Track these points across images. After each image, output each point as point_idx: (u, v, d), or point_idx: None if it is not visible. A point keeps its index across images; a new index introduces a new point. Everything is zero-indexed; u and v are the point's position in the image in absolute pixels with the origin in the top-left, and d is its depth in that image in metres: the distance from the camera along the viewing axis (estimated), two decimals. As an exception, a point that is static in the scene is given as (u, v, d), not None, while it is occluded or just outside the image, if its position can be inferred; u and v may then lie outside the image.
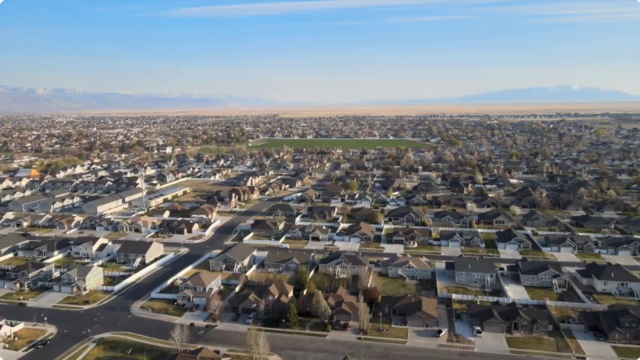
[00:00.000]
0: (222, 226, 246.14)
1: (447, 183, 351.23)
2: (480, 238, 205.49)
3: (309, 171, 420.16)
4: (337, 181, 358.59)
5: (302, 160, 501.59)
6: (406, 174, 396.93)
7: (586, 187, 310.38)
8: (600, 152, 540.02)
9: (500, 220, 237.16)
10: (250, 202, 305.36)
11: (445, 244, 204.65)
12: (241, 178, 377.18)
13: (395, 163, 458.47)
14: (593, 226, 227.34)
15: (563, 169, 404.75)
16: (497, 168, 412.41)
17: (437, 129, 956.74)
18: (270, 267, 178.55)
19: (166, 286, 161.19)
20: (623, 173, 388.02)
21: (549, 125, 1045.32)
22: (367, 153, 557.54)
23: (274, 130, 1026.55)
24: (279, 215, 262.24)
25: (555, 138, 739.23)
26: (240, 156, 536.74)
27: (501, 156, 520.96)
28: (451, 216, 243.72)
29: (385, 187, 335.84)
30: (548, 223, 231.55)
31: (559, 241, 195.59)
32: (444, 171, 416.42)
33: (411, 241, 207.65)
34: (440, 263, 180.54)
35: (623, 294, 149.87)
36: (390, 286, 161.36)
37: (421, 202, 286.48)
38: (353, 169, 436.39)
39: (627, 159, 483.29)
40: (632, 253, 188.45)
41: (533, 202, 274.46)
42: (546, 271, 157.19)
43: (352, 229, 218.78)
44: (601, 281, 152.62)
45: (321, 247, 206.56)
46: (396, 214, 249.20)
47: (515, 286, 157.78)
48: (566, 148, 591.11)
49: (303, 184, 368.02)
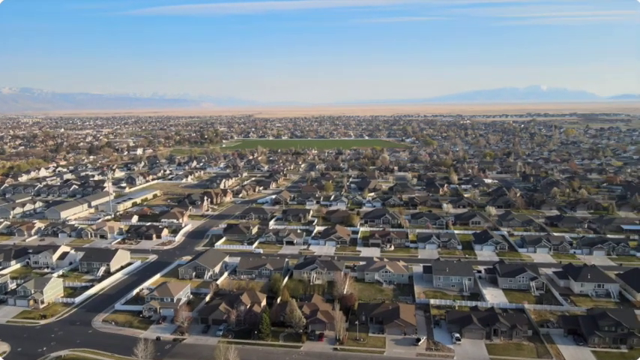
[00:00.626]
0: (193, 231, 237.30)
1: (422, 183, 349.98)
2: (456, 240, 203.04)
3: (283, 172, 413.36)
4: (312, 183, 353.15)
5: (277, 161, 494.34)
6: (382, 174, 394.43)
7: (559, 187, 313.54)
8: (570, 151, 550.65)
9: (476, 220, 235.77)
10: (223, 205, 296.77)
11: (422, 246, 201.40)
12: (214, 181, 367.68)
13: (370, 163, 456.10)
14: (567, 226, 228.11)
15: (536, 169, 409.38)
16: (471, 168, 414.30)
17: (412, 129, 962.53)
18: (243, 274, 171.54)
19: (132, 297, 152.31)
20: (593, 172, 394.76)
21: (520, 125, 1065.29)
22: (343, 153, 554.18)
23: (249, 131, 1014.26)
24: (252, 219, 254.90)
25: (527, 137, 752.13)
26: (213, 157, 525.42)
27: (475, 156, 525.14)
28: (427, 217, 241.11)
29: (361, 188, 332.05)
30: (524, 223, 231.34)
31: (535, 241, 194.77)
32: (419, 171, 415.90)
33: (388, 244, 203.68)
34: (417, 267, 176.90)
35: (600, 295, 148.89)
36: (367, 291, 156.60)
37: (397, 204, 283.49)
38: (328, 170, 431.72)
39: (596, 158, 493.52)
40: (606, 253, 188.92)
41: (508, 202, 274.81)
42: (524, 274, 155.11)
43: (328, 233, 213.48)
44: (578, 283, 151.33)
45: (296, 252, 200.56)
46: (372, 216, 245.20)
47: (493, 290, 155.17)
48: (537, 148, 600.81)
49: (277, 186, 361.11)
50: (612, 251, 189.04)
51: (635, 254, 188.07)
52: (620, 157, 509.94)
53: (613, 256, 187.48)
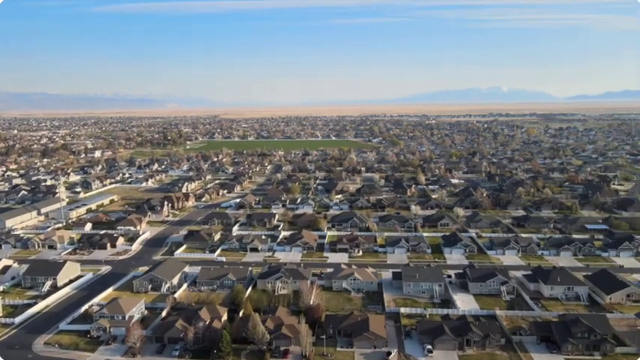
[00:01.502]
0: (151, 239, 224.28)
1: (390, 184, 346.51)
2: (425, 244, 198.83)
3: (249, 174, 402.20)
4: (278, 185, 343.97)
5: (242, 162, 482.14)
6: (349, 176, 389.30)
7: (523, 187, 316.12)
8: (532, 151, 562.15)
9: (444, 222, 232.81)
10: (185, 210, 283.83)
11: (391, 250, 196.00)
12: (176, 184, 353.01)
13: (338, 164, 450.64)
14: (533, 226, 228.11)
15: (501, 169, 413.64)
16: (438, 168, 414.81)
17: (378, 129, 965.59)
18: (203, 285, 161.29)
19: (79, 315, 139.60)
20: (555, 171, 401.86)
21: (484, 125, 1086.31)
22: (309, 154, 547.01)
23: (214, 132, 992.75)
24: (215, 224, 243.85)
25: (490, 137, 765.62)
26: (176, 159, 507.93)
27: (442, 156, 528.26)
28: (396, 220, 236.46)
29: (328, 190, 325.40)
30: (491, 224, 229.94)
31: (503, 243, 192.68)
32: (386, 172, 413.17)
33: (356, 248, 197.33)
34: (386, 273, 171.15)
35: (570, 298, 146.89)
36: (335, 301, 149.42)
37: (365, 206, 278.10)
38: (295, 171, 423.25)
39: (557, 157, 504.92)
40: (573, 254, 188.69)
41: (475, 203, 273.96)
42: (494, 278, 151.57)
43: (294, 238, 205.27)
44: (548, 286, 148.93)
45: (261, 259, 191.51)
46: (340, 220, 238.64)
47: (464, 295, 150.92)
48: (501, 147, 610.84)
49: (242, 189, 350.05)
50: (579, 252, 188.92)
51: (601, 254, 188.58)
52: (580, 156, 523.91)
53: (579, 257, 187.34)
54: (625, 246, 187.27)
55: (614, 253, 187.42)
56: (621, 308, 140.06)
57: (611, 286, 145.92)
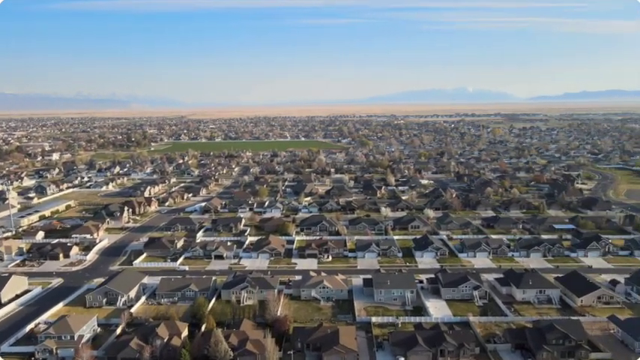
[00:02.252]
0: (109, 247, 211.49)
1: (359, 186, 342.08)
2: (396, 247, 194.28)
3: (215, 177, 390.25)
4: (245, 188, 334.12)
5: (208, 165, 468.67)
6: (318, 177, 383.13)
7: (492, 187, 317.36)
8: (499, 150, 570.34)
9: (415, 225, 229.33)
10: (147, 215, 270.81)
11: (361, 255, 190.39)
12: (138, 188, 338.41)
13: (307, 165, 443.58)
14: (503, 227, 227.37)
15: (469, 168, 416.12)
16: (407, 168, 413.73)
17: (347, 129, 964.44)
18: (163, 297, 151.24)
19: (24, 335, 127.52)
20: (521, 171, 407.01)
21: (451, 125, 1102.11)
22: (278, 155, 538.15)
23: (180, 133, 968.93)
24: (178, 230, 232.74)
25: (458, 137, 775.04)
26: (139, 162, 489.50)
27: (411, 156, 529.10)
28: (366, 223, 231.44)
29: (297, 192, 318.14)
30: (462, 225, 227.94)
31: (474, 246, 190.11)
32: (356, 173, 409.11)
33: (325, 254, 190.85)
34: (357, 279, 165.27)
35: (542, 302, 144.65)
36: (303, 311, 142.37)
37: (334, 208, 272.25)
38: (263, 173, 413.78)
39: (522, 157, 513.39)
40: (543, 255, 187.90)
41: (445, 204, 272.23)
42: (467, 283, 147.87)
43: (260, 244, 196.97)
44: (520, 290, 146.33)
45: (226, 267, 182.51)
46: (309, 224, 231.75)
47: (436, 301, 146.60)
48: (468, 147, 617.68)
49: (208, 192, 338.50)
50: (548, 252, 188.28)
51: (570, 255, 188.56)
52: (544, 155, 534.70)
53: (549, 258, 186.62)
54: (593, 246, 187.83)
55: (582, 253, 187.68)
56: (593, 311, 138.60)
57: (582, 289, 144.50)
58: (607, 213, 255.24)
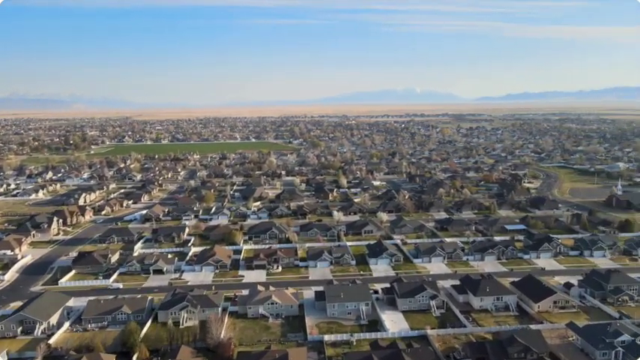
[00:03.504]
0: (33, 264, 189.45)
1: (311, 188, 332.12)
2: (350, 255, 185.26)
3: (159, 182, 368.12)
4: (191, 193, 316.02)
5: (152, 168, 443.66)
6: (268, 180, 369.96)
7: (443, 187, 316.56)
8: (448, 150, 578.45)
9: (368, 229, 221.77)
10: (80, 226, 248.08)
11: (313, 264, 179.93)
12: (72, 195, 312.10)
13: (257, 168, 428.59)
14: (456, 229, 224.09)
15: (420, 169, 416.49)
16: (359, 170, 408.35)
17: (299, 130, 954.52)
18: (91, 322, 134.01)
19: None
20: (471, 171, 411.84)
21: (401, 125, 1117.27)
22: (227, 158, 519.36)
23: (124, 135, 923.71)
24: (114, 242, 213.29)
25: (408, 137, 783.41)
26: (76, 166, 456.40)
27: (362, 157, 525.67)
28: (318, 228, 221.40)
29: (246, 197, 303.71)
30: (416, 229, 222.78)
31: (429, 251, 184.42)
32: (307, 175, 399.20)
33: (275, 264, 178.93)
34: (308, 291, 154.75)
35: (499, 309, 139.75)
36: (250, 331, 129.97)
37: (285, 213, 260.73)
38: (210, 177, 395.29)
39: (471, 156, 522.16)
40: (497, 258, 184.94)
41: (398, 207, 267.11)
42: (423, 293, 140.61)
43: (205, 256, 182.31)
44: (477, 297, 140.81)
45: (166, 283, 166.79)
46: (258, 231, 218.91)
47: (393, 313, 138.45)
48: (418, 147, 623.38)
49: (150, 199, 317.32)
50: (502, 255, 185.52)
51: (523, 257, 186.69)
52: (491, 154, 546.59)
53: (503, 260, 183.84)
54: (544, 247, 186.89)
55: (534, 254, 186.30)
56: (550, 317, 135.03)
57: (539, 294, 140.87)
58: (554, 212, 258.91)
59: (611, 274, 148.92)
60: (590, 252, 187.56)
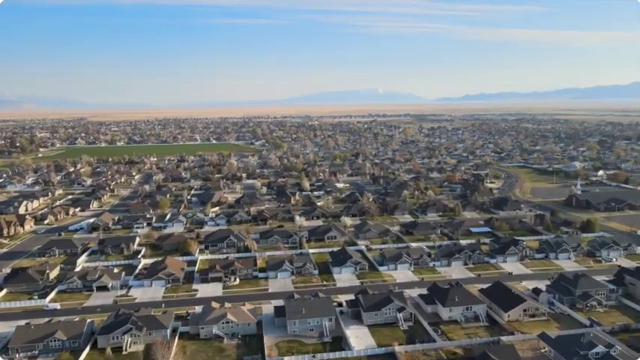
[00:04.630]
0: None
1: (272, 192, 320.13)
2: (312, 264, 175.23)
3: (110, 187, 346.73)
4: (145, 199, 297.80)
5: (105, 172, 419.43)
6: (228, 184, 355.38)
7: (407, 188, 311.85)
8: (411, 151, 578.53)
9: (332, 235, 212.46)
10: (18, 237, 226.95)
11: (273, 275, 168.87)
12: (12, 203, 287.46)
13: (216, 171, 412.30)
14: (422, 233, 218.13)
15: (384, 170, 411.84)
16: (323, 171, 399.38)
17: (261, 131, 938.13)
18: (19, 351, 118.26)
19: None
20: (434, 171, 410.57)
21: (364, 125, 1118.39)
22: (186, 160, 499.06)
23: (77, 137, 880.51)
24: (55, 255, 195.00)
25: (371, 137, 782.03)
26: (19, 171, 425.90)
27: (326, 158, 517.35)
28: (279, 235, 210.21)
29: (203, 202, 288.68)
30: (380, 234, 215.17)
31: (395, 258, 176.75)
32: (269, 178, 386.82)
33: (232, 276, 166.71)
34: (268, 306, 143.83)
35: (469, 319, 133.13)
36: (203, 354, 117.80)
37: (245, 219, 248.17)
38: (167, 181, 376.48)
39: (434, 157, 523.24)
40: (464, 263, 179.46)
41: (362, 210, 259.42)
42: (390, 305, 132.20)
43: (155, 269, 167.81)
44: (446, 308, 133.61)
45: (110, 301, 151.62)
46: (215, 239, 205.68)
47: (358, 328, 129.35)
48: (382, 148, 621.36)
49: (100, 205, 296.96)
50: (469, 260, 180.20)
51: (489, 261, 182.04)
52: (453, 154, 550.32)
53: (470, 265, 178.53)
54: (511, 251, 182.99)
55: (501, 258, 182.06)
56: (520, 326, 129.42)
57: (508, 302, 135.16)
58: (517, 213, 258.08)
59: (579, 279, 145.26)
60: (556, 254, 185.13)
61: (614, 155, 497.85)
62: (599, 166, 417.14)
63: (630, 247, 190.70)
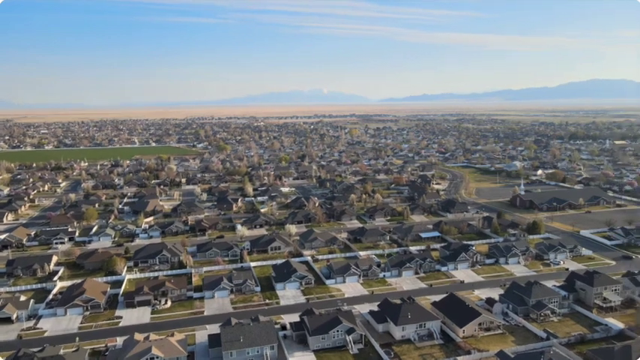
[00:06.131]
0: None
1: (213, 198, 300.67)
2: (254, 280, 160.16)
3: (30, 197, 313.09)
4: (69, 210, 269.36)
5: (26, 180, 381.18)
6: (165, 190, 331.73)
7: (355, 192, 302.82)
8: (357, 152, 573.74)
9: (276, 246, 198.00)
10: None
11: (210, 295, 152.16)
12: None
13: (153, 176, 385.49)
14: (370, 240, 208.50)
15: (330, 173, 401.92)
16: (267, 175, 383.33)
17: (205, 132, 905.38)
18: None
19: None
20: (381, 173, 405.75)
21: (310, 126, 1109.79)
22: (120, 165, 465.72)
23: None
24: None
25: (318, 139, 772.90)
26: None
27: (271, 160, 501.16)
28: (217, 248, 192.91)
29: (136, 211, 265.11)
30: (327, 242, 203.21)
31: (343, 270, 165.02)
32: (210, 183, 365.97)
33: (163, 298, 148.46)
34: (202, 332, 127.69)
35: (423, 338, 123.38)
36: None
37: (181, 230, 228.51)
38: (97, 188, 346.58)
39: (380, 157, 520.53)
40: (415, 272, 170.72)
41: (308, 216, 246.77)
42: (339, 326, 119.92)
43: (71, 294, 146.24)
44: (399, 327, 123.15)
45: (14, 337, 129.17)
46: (145, 255, 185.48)
47: (303, 355, 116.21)
48: (328, 149, 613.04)
49: (16, 218, 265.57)
50: (420, 269, 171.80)
51: (440, 269, 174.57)
52: (399, 155, 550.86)
53: (421, 275, 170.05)
54: (462, 257, 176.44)
55: (452, 266, 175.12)
56: (476, 342, 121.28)
57: (463, 316, 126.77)
58: (465, 215, 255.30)
59: (532, 287, 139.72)
60: (506, 259, 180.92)
61: (550, 154, 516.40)
62: (537, 166, 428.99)
63: (576, 248, 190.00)
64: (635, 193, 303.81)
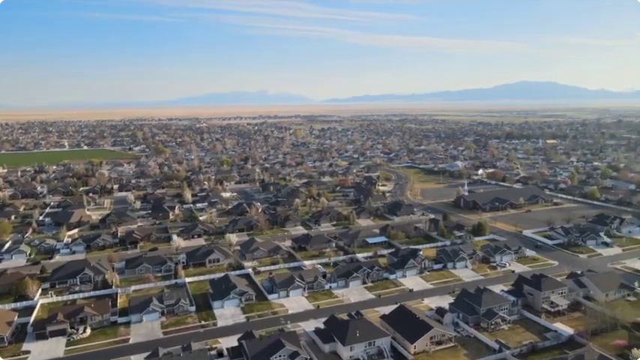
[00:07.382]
0: None
1: (148, 206, 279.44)
2: (189, 298, 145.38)
3: None
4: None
5: None
6: (94, 198, 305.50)
7: (299, 196, 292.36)
8: (302, 153, 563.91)
9: (214, 258, 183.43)
10: None
11: (137, 319, 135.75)
12: None
13: (82, 183, 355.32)
14: (315, 248, 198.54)
15: (274, 175, 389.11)
16: (208, 179, 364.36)
17: (142, 134, 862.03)
18: None
19: None
20: (326, 175, 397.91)
21: (254, 127, 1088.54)
22: (45, 171, 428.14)
23: None
24: None
25: (261, 140, 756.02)
26: None
27: (212, 164, 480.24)
28: (149, 263, 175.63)
29: (59, 223, 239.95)
30: (270, 252, 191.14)
31: (287, 283, 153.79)
32: (146, 189, 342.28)
33: (81, 326, 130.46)
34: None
35: (373, 357, 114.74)
36: None
37: (109, 244, 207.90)
38: (16, 197, 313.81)
39: (325, 159, 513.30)
40: (362, 282, 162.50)
41: (250, 224, 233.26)
42: (281, 350, 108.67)
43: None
44: (347, 347, 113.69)
45: None
46: (64, 275, 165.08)
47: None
48: (272, 151, 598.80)
49: None
50: (367, 278, 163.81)
51: (389, 277, 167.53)
52: (344, 156, 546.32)
53: (369, 284, 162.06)
54: (410, 264, 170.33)
55: (400, 273, 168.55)
56: (428, 358, 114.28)
57: (414, 331, 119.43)
58: (411, 218, 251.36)
59: (482, 295, 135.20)
60: (453, 264, 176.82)
61: (489, 154, 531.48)
62: (478, 165, 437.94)
63: (520, 250, 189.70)
64: (570, 191, 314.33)
